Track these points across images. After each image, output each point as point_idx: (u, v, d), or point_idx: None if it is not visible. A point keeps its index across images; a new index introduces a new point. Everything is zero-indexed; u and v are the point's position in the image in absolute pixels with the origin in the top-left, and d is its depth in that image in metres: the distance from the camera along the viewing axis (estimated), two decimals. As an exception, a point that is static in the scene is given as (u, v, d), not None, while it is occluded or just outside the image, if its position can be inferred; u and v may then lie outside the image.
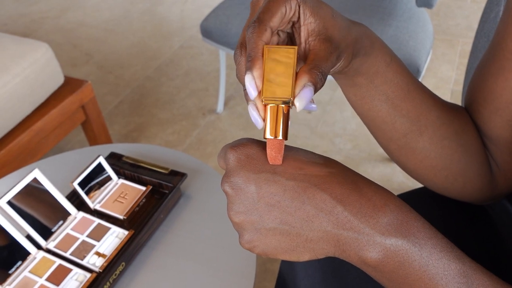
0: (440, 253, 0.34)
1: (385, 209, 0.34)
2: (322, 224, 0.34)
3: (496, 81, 0.48)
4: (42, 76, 1.25)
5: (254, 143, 0.36)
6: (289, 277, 0.63)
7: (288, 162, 0.35)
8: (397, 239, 0.34)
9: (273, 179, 0.34)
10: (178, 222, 0.79)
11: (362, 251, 0.34)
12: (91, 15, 2.46)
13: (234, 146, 0.36)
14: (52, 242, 0.74)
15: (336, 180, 0.34)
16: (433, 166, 0.50)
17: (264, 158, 0.35)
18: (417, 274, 0.34)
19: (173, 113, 1.77)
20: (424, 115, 0.48)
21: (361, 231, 0.34)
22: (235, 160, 0.35)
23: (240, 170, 0.35)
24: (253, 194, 0.35)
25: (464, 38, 2.04)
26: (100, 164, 0.81)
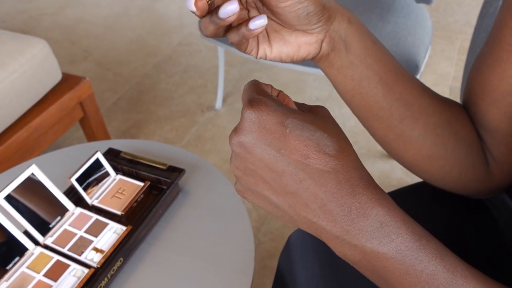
0: (427, 262, 0.34)
1: (374, 214, 0.33)
2: (308, 215, 0.35)
3: (494, 72, 0.49)
4: (39, 72, 1.25)
5: (272, 111, 0.35)
6: (287, 271, 0.63)
7: (298, 144, 0.34)
8: (379, 245, 0.34)
9: (275, 158, 0.34)
10: (177, 217, 0.79)
11: (342, 248, 0.35)
12: (90, 12, 2.46)
13: (254, 104, 0.35)
14: (50, 238, 0.74)
15: (336, 179, 0.33)
16: (429, 156, 0.51)
17: (277, 131, 0.34)
18: (397, 279, 0.35)
19: (172, 109, 1.77)
20: (417, 101, 0.49)
21: (345, 232, 0.34)
22: (250, 122, 0.35)
23: (250, 134, 0.35)
24: (255, 162, 0.35)
25: (463, 34, 2.03)
26: (98, 160, 0.80)
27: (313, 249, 0.61)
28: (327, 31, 0.42)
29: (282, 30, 0.43)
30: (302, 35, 0.42)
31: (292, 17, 0.40)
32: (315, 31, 0.42)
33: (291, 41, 0.43)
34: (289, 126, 0.33)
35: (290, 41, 0.43)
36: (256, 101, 0.35)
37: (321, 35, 0.42)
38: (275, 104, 0.35)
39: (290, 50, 0.43)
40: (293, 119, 0.34)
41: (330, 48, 0.43)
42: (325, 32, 0.42)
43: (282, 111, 0.34)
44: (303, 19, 0.40)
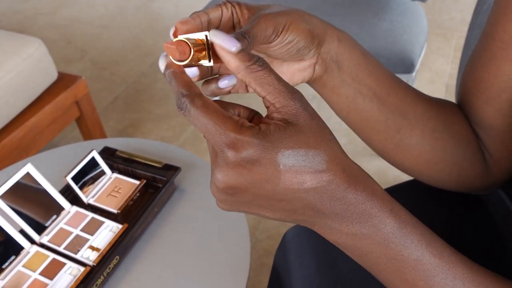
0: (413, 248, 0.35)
1: (363, 210, 0.34)
2: (302, 218, 0.35)
3: (488, 70, 0.49)
4: (35, 71, 1.25)
5: (259, 150, 0.31)
6: (283, 268, 0.63)
7: (293, 176, 0.32)
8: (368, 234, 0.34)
9: (273, 193, 0.33)
10: (172, 216, 0.79)
11: (333, 236, 0.36)
12: (86, 11, 2.45)
13: (237, 147, 0.31)
14: (46, 237, 0.74)
15: (329, 188, 0.33)
16: (428, 160, 0.51)
17: (269, 171, 0.31)
18: (385, 264, 0.36)
19: (169, 109, 1.77)
20: (412, 109, 0.49)
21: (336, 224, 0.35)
22: (238, 166, 0.31)
23: (241, 178, 0.32)
24: (247, 198, 0.34)
25: (458, 32, 2.04)
26: (93, 158, 0.80)
27: (309, 246, 0.61)
28: (319, 54, 0.43)
29: (273, 62, 0.43)
30: (295, 63, 0.43)
31: (283, 54, 0.40)
32: (307, 57, 0.42)
33: (283, 71, 0.43)
34: (281, 161, 0.31)
35: (283, 71, 0.44)
36: (236, 142, 0.31)
37: (313, 60, 0.43)
38: (258, 139, 0.31)
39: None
40: (283, 152, 0.31)
41: (323, 70, 0.44)
42: (317, 56, 0.43)
43: (270, 146, 0.31)
44: (294, 54, 0.41)
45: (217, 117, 0.31)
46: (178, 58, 0.33)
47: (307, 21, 0.40)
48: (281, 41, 0.38)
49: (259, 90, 0.33)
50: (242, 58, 0.33)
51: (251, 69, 0.33)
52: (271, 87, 0.32)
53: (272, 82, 0.33)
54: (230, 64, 0.33)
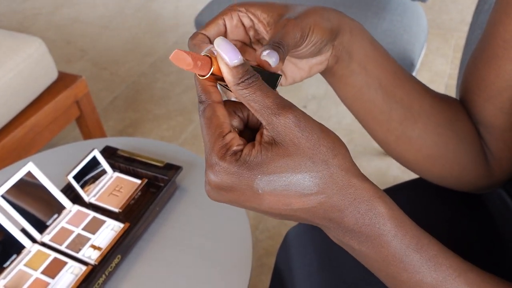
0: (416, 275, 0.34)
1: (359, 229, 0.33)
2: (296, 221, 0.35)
3: (489, 68, 0.49)
4: (35, 71, 1.25)
5: (234, 177, 0.31)
6: (285, 267, 0.63)
7: (275, 199, 0.31)
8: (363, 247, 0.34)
9: (257, 209, 0.33)
10: (174, 215, 0.79)
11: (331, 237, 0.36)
12: (85, 12, 2.45)
13: (214, 170, 0.31)
14: (47, 236, 0.73)
15: (322, 208, 0.32)
16: (430, 155, 0.51)
17: (248, 194, 0.31)
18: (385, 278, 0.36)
19: (169, 108, 1.77)
20: (417, 103, 0.49)
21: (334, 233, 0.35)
22: (216, 186, 0.32)
23: (221, 195, 0.33)
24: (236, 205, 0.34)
25: (458, 32, 2.04)
26: (94, 157, 0.80)
27: (311, 245, 0.61)
28: (333, 46, 0.43)
29: (292, 59, 0.44)
30: (313, 58, 0.43)
31: (306, 54, 0.40)
32: (324, 51, 0.42)
33: (302, 66, 0.44)
34: (259, 187, 0.31)
35: (302, 67, 0.44)
36: (215, 166, 0.31)
37: (329, 52, 0.43)
38: (236, 166, 0.31)
39: (303, 74, 0.44)
40: (261, 178, 0.31)
41: (335, 61, 0.44)
42: (332, 48, 0.43)
43: (247, 173, 0.31)
44: (317, 53, 0.41)
45: (212, 135, 0.32)
46: (199, 74, 0.33)
47: (326, 18, 0.40)
48: (308, 44, 0.39)
49: (249, 108, 0.32)
50: (235, 74, 0.32)
51: (240, 86, 0.32)
52: (257, 105, 0.31)
53: (258, 100, 0.31)
54: (224, 76, 0.33)
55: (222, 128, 0.32)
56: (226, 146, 0.32)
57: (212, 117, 0.33)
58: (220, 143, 0.32)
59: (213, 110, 0.33)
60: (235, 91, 0.32)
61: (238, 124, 0.35)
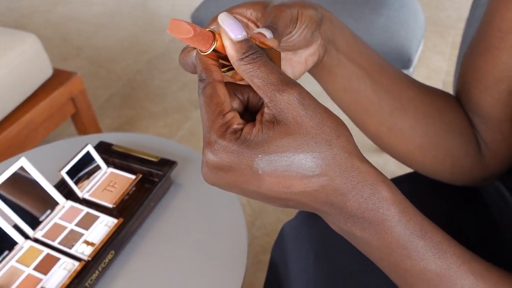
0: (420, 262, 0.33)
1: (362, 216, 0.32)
2: (298, 209, 0.34)
3: (485, 59, 0.49)
4: (30, 67, 1.24)
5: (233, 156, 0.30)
6: (280, 261, 0.63)
7: (275, 180, 0.30)
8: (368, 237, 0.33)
9: (256, 194, 0.32)
10: (169, 210, 0.78)
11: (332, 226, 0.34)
12: (82, 10, 2.44)
13: (212, 148, 0.30)
14: (40, 232, 0.73)
15: (324, 192, 0.31)
16: (421, 146, 0.50)
17: (247, 175, 0.30)
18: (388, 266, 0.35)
19: (165, 106, 1.76)
20: (404, 92, 0.49)
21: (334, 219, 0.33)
22: (214, 166, 0.31)
23: (219, 178, 0.31)
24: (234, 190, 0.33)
25: (455, 29, 2.04)
26: (88, 153, 0.80)
27: (307, 238, 0.60)
28: (320, 35, 0.42)
29: (286, 55, 0.43)
30: (304, 50, 0.43)
31: (301, 42, 0.40)
32: (315, 40, 0.42)
33: (298, 60, 0.43)
34: (259, 167, 0.30)
35: (297, 61, 0.43)
36: (213, 144, 0.30)
37: (319, 41, 0.43)
38: (235, 145, 0.30)
39: (301, 68, 0.44)
40: (262, 157, 0.29)
41: (324, 51, 0.44)
42: (318, 36, 0.42)
43: (246, 152, 0.29)
44: (309, 39, 0.40)
45: (212, 113, 0.31)
46: (201, 49, 0.32)
47: (308, 5, 0.40)
48: (299, 27, 0.38)
49: (251, 84, 0.31)
50: (239, 49, 0.31)
51: (244, 61, 0.31)
52: (261, 81, 0.30)
53: (262, 76, 0.30)
54: (227, 51, 0.32)
55: (223, 106, 0.31)
56: (226, 125, 0.30)
57: (213, 95, 0.31)
58: (220, 121, 0.30)
59: (214, 88, 0.31)
60: (238, 67, 0.31)
61: (238, 106, 0.34)
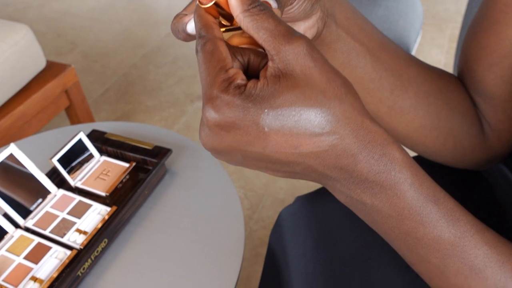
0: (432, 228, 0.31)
1: (376, 180, 0.30)
2: (306, 178, 0.32)
3: (489, 35, 0.47)
4: (23, 58, 1.21)
5: (238, 111, 0.27)
6: (278, 247, 0.61)
7: (283, 139, 0.28)
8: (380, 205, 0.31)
9: (261, 156, 0.29)
10: (164, 198, 0.76)
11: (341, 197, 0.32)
12: (76, 4, 2.42)
13: (214, 104, 0.28)
14: (31, 220, 0.71)
15: (334, 153, 0.29)
16: (423, 126, 0.49)
17: (253, 133, 0.28)
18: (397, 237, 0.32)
19: (161, 100, 1.74)
20: (405, 70, 0.47)
21: (345, 188, 0.31)
22: (215, 125, 0.28)
23: (220, 138, 0.29)
24: (237, 157, 0.30)
25: (453, 22, 2.03)
26: (81, 141, 0.77)
27: (304, 224, 0.59)
28: (319, 7, 0.40)
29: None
30: (303, 23, 0.41)
31: (300, 14, 0.38)
32: (314, 12, 0.40)
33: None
34: (266, 124, 0.27)
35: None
36: (215, 99, 0.28)
37: (318, 14, 0.41)
38: (240, 99, 0.27)
39: None
40: (268, 112, 0.27)
41: (323, 24, 0.42)
42: (318, 9, 0.40)
43: (252, 107, 0.27)
44: (309, 11, 0.38)
45: (213, 68, 0.28)
46: (201, 1, 0.31)
47: None
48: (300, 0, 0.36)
49: (256, 37, 0.29)
50: (244, 0, 0.29)
51: (250, 12, 0.29)
52: (268, 32, 0.28)
53: (269, 27, 0.28)
54: (231, 3, 0.30)
55: (225, 62, 0.29)
56: (229, 80, 0.28)
57: (214, 51, 0.29)
58: (222, 76, 0.28)
59: (215, 44, 0.29)
60: (242, 20, 0.29)
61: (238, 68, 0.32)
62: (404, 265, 0.50)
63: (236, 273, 0.65)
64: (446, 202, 0.31)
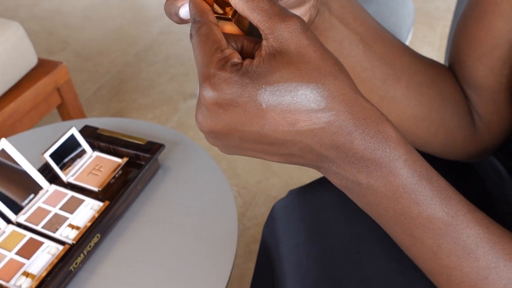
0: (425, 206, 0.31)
1: (373, 158, 0.30)
2: (304, 162, 0.32)
3: (479, 26, 0.48)
4: (14, 55, 1.21)
5: (236, 88, 0.28)
6: (271, 240, 0.61)
7: (280, 115, 0.28)
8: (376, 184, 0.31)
9: (259, 135, 0.29)
10: (157, 193, 0.76)
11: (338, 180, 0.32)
12: (68, 3, 2.40)
13: (212, 82, 0.28)
14: (23, 216, 0.70)
15: (330, 131, 0.29)
16: (414, 116, 0.49)
17: (251, 110, 0.28)
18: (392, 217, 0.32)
19: (154, 98, 1.74)
20: (398, 59, 0.47)
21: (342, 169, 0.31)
22: (213, 105, 0.28)
23: (218, 118, 0.29)
24: (235, 141, 0.30)
25: (444, 20, 2.04)
26: (73, 136, 0.77)
27: (298, 217, 0.59)
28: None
29: None
30: (295, 10, 0.40)
31: (292, 4, 0.38)
32: (306, 1, 0.40)
33: None
34: (263, 100, 0.28)
35: None
36: (213, 77, 0.28)
37: (310, 2, 0.40)
38: (237, 76, 0.28)
39: None
40: (265, 88, 0.28)
41: (316, 12, 0.42)
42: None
43: (249, 82, 0.28)
44: (301, 2, 0.38)
45: (210, 49, 0.29)
46: None
47: None
48: None
49: (251, 17, 0.29)
50: None
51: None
52: (263, 12, 0.29)
53: (264, 7, 0.29)
54: None
55: (220, 43, 0.29)
56: (225, 59, 0.28)
57: (209, 34, 0.30)
58: (218, 55, 0.28)
59: (210, 28, 0.30)
60: (236, 2, 0.30)
61: None
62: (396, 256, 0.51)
63: (229, 269, 0.65)
64: (439, 180, 0.32)
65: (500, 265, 0.32)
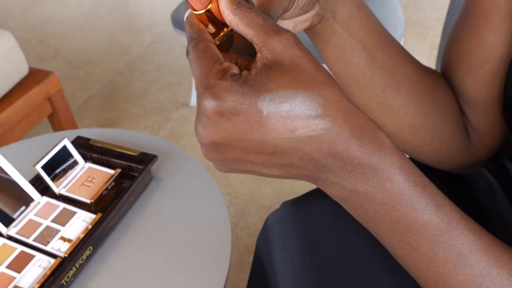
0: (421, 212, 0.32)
1: (369, 164, 0.31)
2: (302, 173, 0.32)
3: (470, 39, 0.48)
4: (4, 65, 1.20)
5: (238, 95, 0.28)
6: (265, 253, 0.61)
7: (280, 123, 0.29)
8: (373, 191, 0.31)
9: (260, 145, 0.30)
10: (149, 205, 0.76)
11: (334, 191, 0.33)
12: (59, 11, 2.40)
13: (214, 91, 0.29)
14: (14, 229, 0.69)
15: (328, 138, 0.30)
16: (411, 125, 0.49)
17: (252, 118, 0.29)
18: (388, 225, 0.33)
19: (146, 107, 1.73)
20: (400, 69, 0.47)
21: (339, 178, 0.31)
22: (215, 114, 0.29)
23: (220, 128, 0.29)
24: (235, 153, 0.31)
25: (434, 30, 2.06)
26: (65, 147, 0.77)
27: (292, 229, 0.59)
28: (319, 4, 0.41)
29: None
30: (299, 17, 0.41)
31: (293, 16, 0.39)
32: (309, 10, 0.40)
33: (287, 25, 0.42)
34: (264, 107, 0.28)
35: (286, 25, 0.42)
36: (214, 87, 0.29)
37: (315, 10, 0.41)
38: (237, 84, 0.29)
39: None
40: (265, 95, 0.28)
41: (318, 20, 0.42)
42: (316, 6, 0.41)
43: (250, 90, 0.29)
44: (305, 8, 0.39)
45: (208, 62, 0.30)
46: (195, 8, 0.33)
47: None
48: (295, 8, 0.37)
49: (246, 32, 0.31)
50: (233, 1, 0.31)
51: (240, 10, 0.31)
52: (257, 27, 0.30)
53: (259, 22, 0.30)
54: (221, 4, 0.32)
55: (218, 57, 0.31)
56: (224, 70, 0.30)
57: (207, 49, 0.31)
58: (218, 67, 0.30)
59: (207, 44, 0.31)
60: (232, 18, 0.31)
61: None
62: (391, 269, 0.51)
63: (223, 279, 0.65)
64: (432, 187, 0.32)
65: (493, 273, 0.32)
